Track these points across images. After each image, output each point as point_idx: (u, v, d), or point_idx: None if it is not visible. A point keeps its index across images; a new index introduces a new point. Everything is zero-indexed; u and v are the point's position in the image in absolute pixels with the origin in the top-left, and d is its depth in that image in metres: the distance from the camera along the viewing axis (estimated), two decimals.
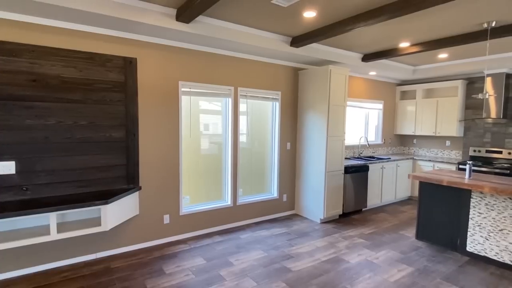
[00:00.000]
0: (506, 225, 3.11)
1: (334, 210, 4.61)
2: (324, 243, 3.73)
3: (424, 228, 3.85)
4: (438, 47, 3.92)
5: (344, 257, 3.34)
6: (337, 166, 4.58)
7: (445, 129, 5.68)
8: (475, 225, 3.35)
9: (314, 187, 4.61)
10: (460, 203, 3.48)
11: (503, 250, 3.14)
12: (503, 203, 3.13)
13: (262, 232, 4.09)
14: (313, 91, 4.57)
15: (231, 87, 4.10)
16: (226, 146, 4.22)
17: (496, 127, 5.29)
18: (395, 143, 6.72)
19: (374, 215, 4.95)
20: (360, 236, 3.98)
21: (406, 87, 6.36)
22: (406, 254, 3.46)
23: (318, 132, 4.51)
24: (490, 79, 5.03)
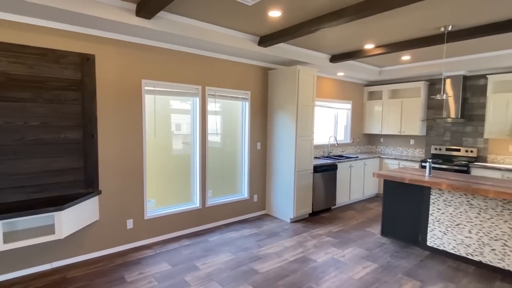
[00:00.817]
0: (462, 220, 3.27)
1: (304, 209, 4.65)
2: (292, 243, 3.74)
3: (388, 225, 3.97)
4: (401, 49, 4.06)
5: (311, 256, 3.36)
6: (306, 166, 4.62)
7: (409, 128, 5.92)
8: (434, 220, 3.51)
9: (284, 187, 4.62)
10: (421, 199, 3.62)
11: (459, 244, 3.31)
12: (459, 199, 3.29)
13: (232, 233, 4.03)
14: (282, 91, 4.57)
15: (199, 86, 4.00)
16: (194, 147, 4.12)
17: (455, 126, 5.58)
18: (363, 142, 6.91)
19: (342, 213, 5.05)
20: (328, 235, 4.04)
21: (373, 87, 6.56)
22: (371, 251, 3.55)
23: (287, 132, 4.52)
24: (450, 80, 5.30)
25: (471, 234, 3.21)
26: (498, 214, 3.02)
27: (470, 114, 5.36)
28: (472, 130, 5.36)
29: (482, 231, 3.13)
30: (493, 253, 3.06)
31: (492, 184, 3.15)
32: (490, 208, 3.07)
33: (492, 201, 3.06)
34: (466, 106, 5.40)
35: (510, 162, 4.94)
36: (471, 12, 2.96)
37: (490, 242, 3.08)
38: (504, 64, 4.53)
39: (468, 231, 3.23)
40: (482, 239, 3.13)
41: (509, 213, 2.95)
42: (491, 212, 3.06)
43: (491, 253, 3.07)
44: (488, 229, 3.09)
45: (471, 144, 5.37)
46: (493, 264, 3.06)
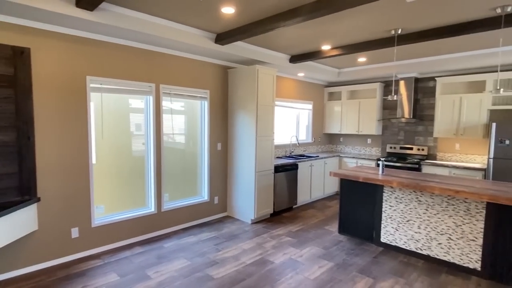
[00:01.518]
0: (412, 216, 3.41)
1: (265, 209, 4.61)
2: (251, 245, 3.68)
3: (345, 223, 4.05)
4: (356, 51, 4.15)
5: (269, 258, 3.32)
6: (267, 166, 4.58)
7: (366, 128, 6.13)
8: (387, 217, 3.62)
9: (245, 188, 4.55)
10: (375, 197, 3.73)
11: (410, 239, 3.44)
12: (409, 196, 3.43)
13: (189, 238, 3.88)
14: (242, 91, 4.49)
15: (152, 84, 3.79)
16: (149, 148, 3.90)
17: (408, 126, 5.87)
18: (324, 141, 7.05)
19: (303, 212, 5.09)
20: (288, 234, 4.03)
21: (332, 88, 6.71)
22: (328, 249, 3.59)
23: (247, 132, 4.45)
24: (403, 82, 5.55)
25: (420, 230, 3.36)
26: (443, 209, 3.18)
27: (422, 114, 5.66)
28: (423, 130, 5.67)
29: (429, 226, 3.28)
30: (440, 247, 3.22)
31: (438, 181, 3.31)
32: (437, 204, 3.23)
33: (438, 197, 3.21)
34: (417, 107, 5.70)
35: (456, 159, 5.28)
36: (418, 17, 3.08)
37: (437, 236, 3.24)
38: (450, 68, 4.83)
39: (417, 227, 3.38)
40: (430, 234, 3.28)
41: (453, 208, 3.11)
42: (437, 208, 3.22)
43: (438, 247, 3.23)
44: (435, 224, 3.25)
45: (422, 142, 5.68)
46: (440, 257, 3.22)
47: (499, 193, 2.73)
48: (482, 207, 2.94)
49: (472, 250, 3.01)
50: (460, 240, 3.08)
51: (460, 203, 3.07)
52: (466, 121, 4.88)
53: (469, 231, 3.02)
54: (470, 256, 3.02)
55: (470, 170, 4.61)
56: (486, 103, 4.68)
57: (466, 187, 3.00)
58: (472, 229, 3.00)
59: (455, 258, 3.12)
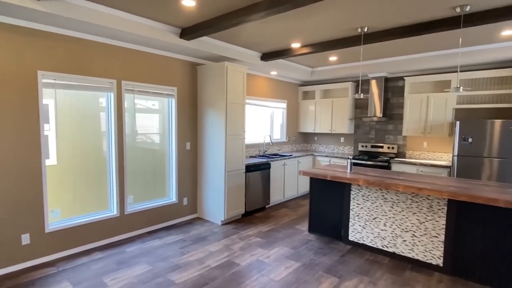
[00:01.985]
0: (378, 214, 3.43)
1: (236, 210, 4.52)
2: (219, 247, 3.57)
3: (315, 221, 4.03)
4: (324, 49, 4.14)
5: (236, 260, 3.23)
6: (238, 165, 4.48)
7: (339, 127, 6.17)
8: (354, 215, 3.62)
9: (215, 188, 4.43)
10: (343, 195, 3.73)
11: (376, 236, 3.46)
12: (375, 194, 3.44)
13: (154, 242, 3.71)
14: (211, 88, 4.37)
15: (113, 80, 3.60)
16: (110, 148, 3.70)
17: (378, 125, 5.95)
18: (299, 140, 7.05)
19: (276, 211, 5.04)
20: (258, 235, 3.95)
21: (306, 87, 6.71)
22: (297, 249, 3.54)
23: (217, 131, 4.33)
24: (375, 81, 5.62)
25: (386, 227, 3.37)
26: (408, 206, 3.21)
27: (392, 113, 5.76)
28: (393, 128, 5.76)
29: (395, 224, 3.31)
30: (405, 244, 3.25)
31: (403, 178, 3.34)
32: (401, 201, 3.25)
33: (402, 194, 3.24)
34: (388, 106, 5.79)
35: (424, 157, 5.41)
36: (382, 16, 3.08)
37: (402, 233, 3.26)
38: (417, 67, 4.93)
39: (383, 224, 3.39)
40: (395, 231, 3.31)
41: (417, 205, 3.15)
42: (402, 205, 3.25)
43: (403, 244, 3.26)
44: (400, 222, 3.27)
45: (392, 141, 5.78)
46: (405, 254, 3.25)
47: (459, 190, 2.78)
48: (444, 204, 2.99)
49: (434, 246, 3.05)
50: (424, 236, 3.11)
51: (423, 200, 3.10)
52: (433, 119, 5.00)
53: (432, 228, 3.06)
54: (433, 253, 3.06)
55: (436, 168, 4.72)
56: (451, 102, 4.82)
57: (429, 184, 3.03)
58: (434, 225, 3.04)
59: (419, 254, 3.15)
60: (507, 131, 4.06)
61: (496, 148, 4.13)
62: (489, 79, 4.62)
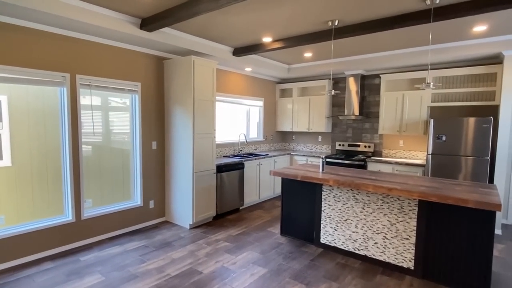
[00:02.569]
0: (349, 215, 3.29)
1: (206, 212, 4.29)
2: (183, 253, 3.34)
3: (287, 224, 3.86)
4: (296, 44, 3.97)
5: (199, 268, 3.01)
6: (208, 166, 4.26)
7: (317, 125, 6.04)
8: (326, 217, 3.48)
9: (183, 190, 4.19)
10: (315, 196, 3.57)
11: (348, 239, 3.32)
12: (346, 194, 3.30)
13: (114, 249, 3.45)
14: (178, 84, 4.13)
15: (66, 74, 3.30)
16: (64, 148, 3.40)
17: (355, 123, 5.86)
18: (277, 139, 6.88)
19: (250, 213, 4.85)
20: (227, 239, 3.75)
21: (284, 85, 6.55)
22: (266, 253, 3.36)
23: (184, 129, 4.09)
24: (351, 79, 5.51)
25: (357, 229, 3.24)
26: (378, 207, 3.08)
27: (368, 111, 5.67)
28: (369, 127, 5.68)
29: (366, 226, 3.17)
30: (376, 246, 3.12)
31: (375, 178, 3.21)
32: (372, 202, 3.12)
33: (373, 195, 3.11)
34: (364, 104, 5.71)
35: (400, 155, 5.35)
36: (352, 8, 2.93)
37: (373, 236, 3.13)
38: (392, 64, 4.85)
39: (354, 226, 3.26)
40: (367, 233, 3.17)
41: (387, 206, 3.02)
42: (373, 206, 3.12)
43: (374, 247, 3.13)
44: (371, 223, 3.14)
45: (369, 139, 5.69)
46: (376, 257, 3.12)
47: (430, 190, 2.66)
48: (414, 204, 2.87)
49: (406, 249, 2.93)
50: (395, 239, 2.99)
51: (394, 201, 2.98)
52: (409, 118, 4.93)
53: (403, 230, 2.94)
54: (404, 255, 2.94)
55: (411, 167, 4.65)
56: (426, 100, 4.76)
57: (399, 184, 2.91)
58: (405, 227, 2.92)
59: (390, 257, 3.03)
60: (480, 129, 4.02)
61: (470, 146, 4.09)
62: (463, 77, 4.58)
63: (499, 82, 4.20)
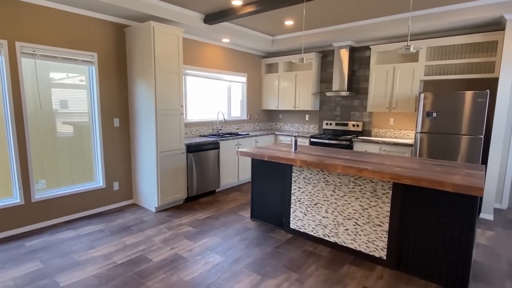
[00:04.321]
0: (320, 199, 2.96)
1: (174, 195, 4.01)
2: (139, 239, 3.08)
3: (257, 207, 3.56)
4: (270, 7, 3.52)
5: (149, 255, 2.74)
6: (175, 145, 3.93)
7: (303, 103, 5.63)
8: (296, 200, 3.16)
9: (147, 171, 3.90)
10: (284, 178, 3.24)
11: (318, 224, 3.01)
12: (317, 176, 2.96)
13: (67, 233, 3.20)
14: (139, 55, 3.74)
15: (3, 41, 2.93)
16: (7, 125, 3.09)
17: (344, 101, 5.44)
18: (263, 118, 6.50)
19: (225, 196, 4.56)
20: (191, 223, 3.48)
21: (270, 59, 6.09)
22: (228, 240, 3.08)
23: (146, 105, 3.74)
24: (341, 51, 5.03)
25: (327, 214, 2.92)
26: (350, 191, 2.74)
27: (358, 87, 5.23)
28: (359, 104, 5.26)
29: (337, 210, 2.85)
30: (347, 233, 2.81)
31: (349, 158, 2.86)
32: (344, 184, 2.78)
33: (345, 177, 2.77)
34: (354, 79, 5.26)
35: (390, 135, 4.95)
36: None
37: (344, 221, 2.81)
38: (383, 33, 4.37)
39: (325, 211, 2.94)
40: (337, 219, 2.86)
41: (360, 189, 2.68)
42: (344, 189, 2.78)
43: (345, 234, 2.82)
44: (342, 208, 2.81)
45: (358, 118, 5.29)
46: (347, 245, 2.82)
47: (405, 171, 2.31)
48: (388, 187, 2.52)
49: (378, 236, 2.62)
50: (367, 225, 2.67)
51: (367, 183, 2.64)
52: (399, 93, 4.50)
53: (375, 215, 2.61)
54: (376, 244, 2.63)
55: (399, 146, 4.27)
56: (418, 73, 4.30)
57: (373, 164, 2.56)
58: (378, 213, 2.59)
59: (361, 245, 2.72)
60: (475, 104, 3.59)
61: (463, 123, 3.68)
62: (460, 47, 4.10)
63: (499, 52, 3.72)
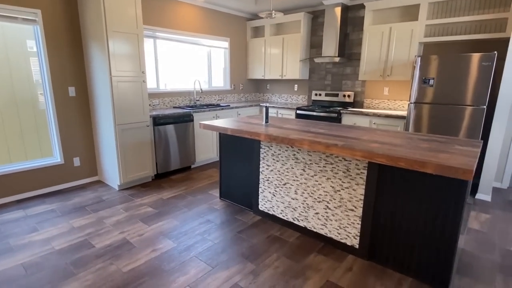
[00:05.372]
0: (289, 178, 2.59)
1: (140, 172, 3.68)
2: (90, 221, 2.78)
3: (225, 186, 3.22)
4: None
5: (94, 240, 2.45)
6: (137, 117, 3.54)
7: (291, 71, 5.11)
8: (264, 179, 2.79)
9: (108, 146, 3.54)
10: (253, 155, 2.86)
11: (287, 207, 2.66)
12: (286, 153, 2.57)
13: (13, 214, 2.92)
14: (90, 12, 3.24)
15: None
16: None
17: (335, 68, 4.90)
18: (249, 89, 6.01)
19: (200, 173, 4.23)
20: (153, 204, 3.16)
21: (256, 22, 5.49)
22: (188, 223, 2.76)
23: (101, 71, 3.31)
24: (332, 10, 4.43)
25: (297, 195, 2.56)
26: (321, 170, 2.35)
27: (350, 52, 4.68)
28: (351, 72, 4.73)
29: (307, 192, 2.48)
30: (317, 217, 2.46)
31: (324, 132, 2.44)
32: (314, 162, 2.39)
33: (316, 154, 2.36)
34: (347, 44, 4.69)
35: (384, 106, 4.47)
36: None
37: (314, 204, 2.45)
38: None
39: (294, 192, 2.57)
40: (307, 201, 2.50)
41: (331, 168, 2.29)
42: (315, 168, 2.39)
43: (315, 218, 2.47)
44: (312, 189, 2.44)
45: (349, 87, 4.78)
46: (317, 230, 2.48)
47: (382, 148, 1.89)
48: (363, 167, 2.13)
49: (350, 222, 2.26)
50: (338, 209, 2.31)
51: (339, 161, 2.24)
52: (395, 58, 3.96)
53: (348, 199, 2.24)
54: (348, 230, 2.28)
55: (392, 119, 3.81)
56: (417, 34, 3.74)
57: (347, 139, 2.14)
58: (351, 196, 2.22)
59: (332, 232, 2.38)
60: (479, 68, 3.08)
61: (464, 92, 3.19)
62: (467, 1, 3.50)
63: None
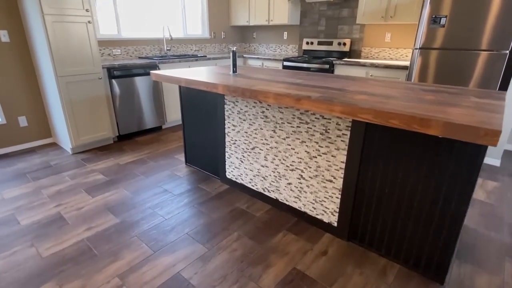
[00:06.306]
0: (257, 141, 2.10)
1: (97, 133, 3.19)
2: (25, 191, 2.36)
3: (190, 151, 2.76)
4: None
5: (20, 215, 2.04)
6: (86, 68, 2.95)
7: (279, 15, 4.37)
8: (231, 143, 2.31)
9: (53, 102, 3.02)
10: (217, 113, 2.34)
11: (256, 175, 2.21)
12: (253, 110, 2.05)
13: None
14: None
15: None
16: None
17: (330, 10, 4.16)
18: (233, 38, 5.28)
19: (170, 134, 3.74)
20: (106, 170, 2.72)
21: None
22: (140, 193, 2.34)
23: (32, 8, 2.66)
24: None
25: (267, 162, 2.09)
26: (295, 131, 1.85)
27: None
28: (349, 15, 4.01)
29: (278, 158, 2.01)
30: (289, 188, 2.01)
31: (300, 82, 1.89)
32: (286, 122, 1.88)
33: (288, 111, 1.84)
34: None
35: (384, 56, 3.83)
36: None
37: (286, 173, 1.99)
38: None
39: (264, 158, 2.10)
40: (278, 169, 2.04)
41: (306, 129, 1.78)
42: (287, 129, 1.89)
43: (287, 189, 2.03)
44: (284, 154, 1.96)
45: (346, 34, 4.09)
46: (290, 203, 2.05)
47: (369, 101, 1.37)
48: (346, 127, 1.62)
49: (328, 196, 1.82)
50: (314, 179, 1.85)
51: (316, 119, 1.72)
52: None
53: (326, 167, 1.76)
54: (325, 205, 1.85)
55: (392, 70, 3.22)
56: None
57: (327, 90, 1.61)
58: (330, 163, 1.74)
59: (307, 206, 1.95)
60: (504, 4, 2.41)
61: (483, 33, 2.55)
62: None
63: None
